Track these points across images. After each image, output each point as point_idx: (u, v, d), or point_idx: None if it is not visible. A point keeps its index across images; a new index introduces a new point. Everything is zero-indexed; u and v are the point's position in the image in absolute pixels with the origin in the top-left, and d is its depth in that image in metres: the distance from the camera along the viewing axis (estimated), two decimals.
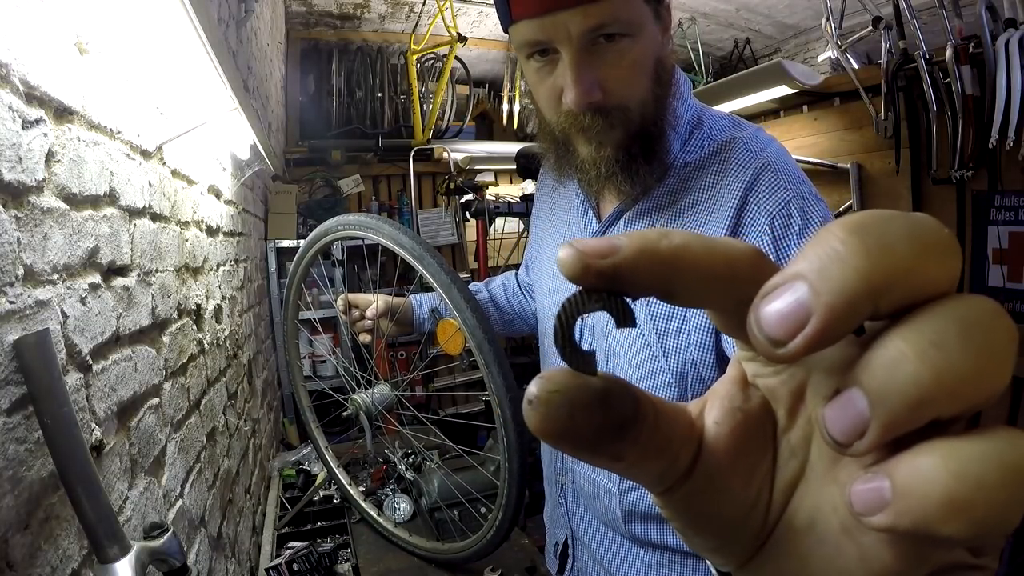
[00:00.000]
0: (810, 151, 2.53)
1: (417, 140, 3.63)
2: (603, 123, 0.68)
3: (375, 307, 1.11)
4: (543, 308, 0.98)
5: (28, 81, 0.52)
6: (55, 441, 0.48)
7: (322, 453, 1.57)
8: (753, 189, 0.68)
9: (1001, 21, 1.85)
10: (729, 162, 0.71)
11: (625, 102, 0.68)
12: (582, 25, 0.62)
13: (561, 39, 0.63)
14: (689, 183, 0.74)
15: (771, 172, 0.68)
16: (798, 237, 0.65)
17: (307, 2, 3.32)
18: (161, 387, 0.87)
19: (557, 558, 1.00)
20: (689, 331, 0.74)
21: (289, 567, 1.37)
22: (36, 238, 0.52)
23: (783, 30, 3.72)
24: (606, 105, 0.67)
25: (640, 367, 0.78)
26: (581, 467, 0.91)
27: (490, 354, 0.96)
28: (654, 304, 0.76)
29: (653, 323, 0.76)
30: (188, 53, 0.95)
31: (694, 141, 0.76)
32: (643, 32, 0.66)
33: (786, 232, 0.66)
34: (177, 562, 0.61)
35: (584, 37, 0.63)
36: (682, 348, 0.75)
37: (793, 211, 0.66)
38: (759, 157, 0.69)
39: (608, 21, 0.62)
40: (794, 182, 0.68)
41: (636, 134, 0.70)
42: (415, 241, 1.03)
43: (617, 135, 0.70)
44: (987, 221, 2.02)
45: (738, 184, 0.69)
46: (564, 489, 0.95)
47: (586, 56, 0.64)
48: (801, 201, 0.66)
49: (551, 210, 0.98)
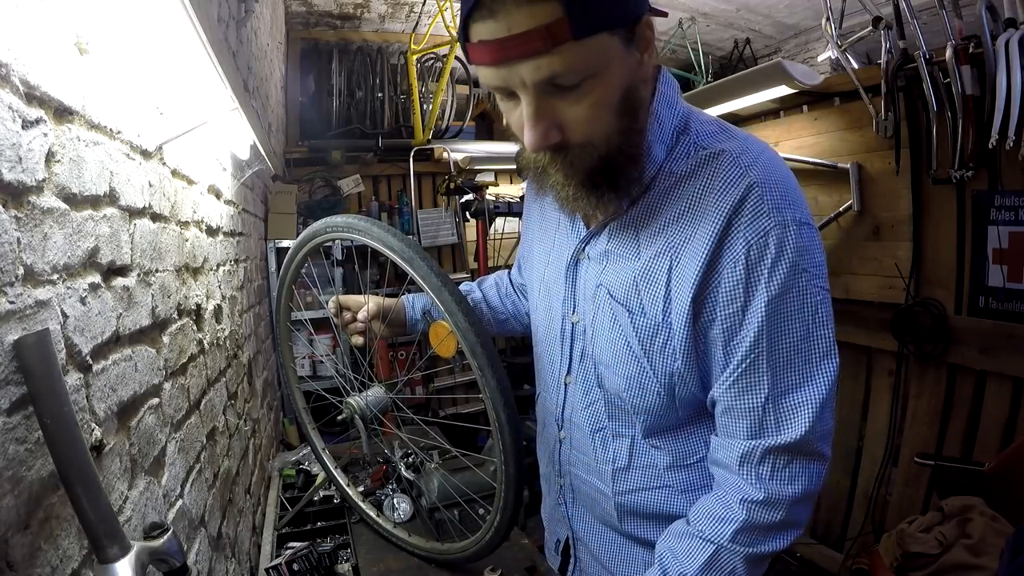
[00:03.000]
0: (810, 151, 2.53)
1: (417, 140, 3.63)
2: (563, 160, 0.68)
3: (366, 309, 1.10)
4: (534, 309, 0.98)
5: (28, 81, 0.52)
6: (55, 441, 0.48)
7: (319, 455, 1.57)
8: (738, 212, 0.67)
9: (1001, 21, 1.85)
10: (716, 178, 0.69)
11: (588, 139, 0.67)
12: (534, 76, 0.61)
13: (516, 85, 0.63)
14: (674, 195, 0.73)
15: (757, 195, 0.67)
16: (769, 270, 0.66)
17: (307, 2, 3.32)
18: (161, 387, 0.87)
19: (559, 555, 1.00)
20: (674, 348, 0.74)
21: (289, 567, 1.37)
22: (36, 238, 0.52)
23: (783, 30, 3.72)
24: (567, 143, 0.67)
25: (628, 377, 0.79)
26: (578, 470, 0.91)
27: (483, 357, 0.95)
28: (638, 321, 0.76)
29: (639, 339, 0.76)
30: (188, 53, 0.95)
31: (680, 147, 0.74)
32: (609, 68, 0.63)
33: (760, 262, 0.66)
34: (177, 562, 0.61)
35: (538, 86, 0.62)
36: (668, 362, 0.75)
37: (770, 241, 0.66)
38: (748, 175, 0.68)
39: (560, 71, 0.60)
40: (778, 207, 0.67)
41: (599, 167, 0.70)
42: (404, 243, 1.01)
43: (579, 169, 0.69)
44: (987, 221, 2.02)
45: (724, 205, 0.68)
46: (563, 490, 0.95)
47: (544, 100, 0.63)
48: (781, 230, 0.66)
49: (541, 211, 0.98)
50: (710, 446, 0.76)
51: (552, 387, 0.93)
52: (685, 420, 0.80)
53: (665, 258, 0.73)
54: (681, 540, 0.73)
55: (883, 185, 2.32)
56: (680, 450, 0.81)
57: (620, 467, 0.84)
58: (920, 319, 2.17)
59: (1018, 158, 1.81)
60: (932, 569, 1.58)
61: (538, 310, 0.95)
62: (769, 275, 0.66)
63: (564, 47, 0.58)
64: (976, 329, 2.05)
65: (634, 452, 0.83)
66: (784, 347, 0.68)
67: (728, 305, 0.68)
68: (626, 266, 0.77)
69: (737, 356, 0.69)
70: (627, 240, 0.77)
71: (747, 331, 0.68)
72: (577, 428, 0.89)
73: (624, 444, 0.84)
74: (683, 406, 0.78)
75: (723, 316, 0.69)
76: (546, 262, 0.92)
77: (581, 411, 0.87)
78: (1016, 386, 1.96)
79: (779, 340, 0.67)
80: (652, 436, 0.82)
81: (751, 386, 0.69)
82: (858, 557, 2.06)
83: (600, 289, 0.80)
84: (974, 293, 2.08)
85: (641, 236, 0.76)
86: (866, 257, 2.40)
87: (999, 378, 2.00)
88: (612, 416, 0.84)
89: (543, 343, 0.94)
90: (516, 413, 0.98)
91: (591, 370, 0.84)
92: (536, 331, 0.97)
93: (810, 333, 0.68)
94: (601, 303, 0.80)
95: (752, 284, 0.67)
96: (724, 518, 0.70)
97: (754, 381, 0.69)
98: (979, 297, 2.07)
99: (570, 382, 0.88)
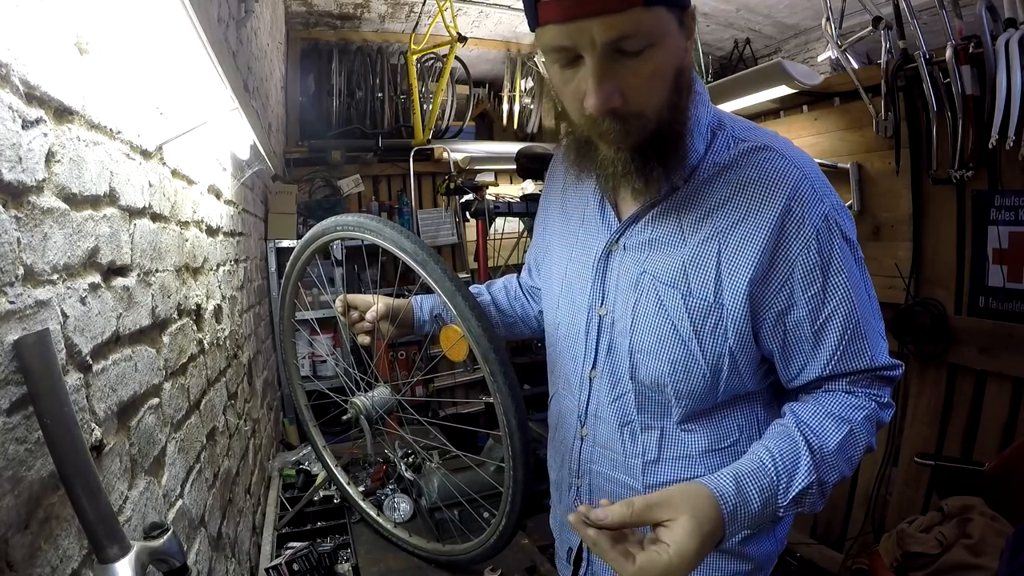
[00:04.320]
0: (810, 151, 2.49)
1: (417, 140, 3.63)
2: (620, 128, 0.70)
3: (375, 309, 1.10)
4: (553, 309, 0.97)
5: (28, 81, 0.52)
6: (55, 441, 0.48)
7: (320, 453, 1.57)
8: (795, 201, 0.73)
9: (1001, 21, 1.85)
10: (765, 169, 0.75)
11: (643, 109, 0.69)
12: (605, 35, 0.63)
13: (585, 46, 0.65)
14: (717, 183, 0.77)
15: (808, 185, 0.74)
16: (839, 249, 0.74)
17: (307, 2, 3.32)
18: (161, 387, 0.87)
19: (571, 564, 0.99)
20: (726, 326, 0.77)
21: (289, 567, 1.37)
22: (36, 238, 0.52)
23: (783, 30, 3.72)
24: (624, 111, 0.69)
25: (673, 363, 0.80)
26: (601, 467, 0.91)
27: (496, 363, 0.94)
28: (691, 302, 0.77)
29: (690, 319, 0.78)
30: (188, 53, 0.95)
31: (719, 141, 0.79)
32: (666, 41, 0.67)
33: (830, 244, 0.74)
34: (177, 562, 0.61)
35: (607, 46, 0.64)
36: (720, 343, 0.78)
37: (831, 224, 0.74)
38: (797, 166, 0.75)
39: (630, 32, 0.63)
40: (827, 194, 0.75)
41: (651, 139, 0.72)
42: (417, 245, 1.00)
43: (633, 139, 0.72)
44: (987, 221, 2.02)
45: (779, 194, 0.73)
46: (580, 492, 0.94)
47: (608, 64, 0.65)
48: (835, 213, 0.75)
49: (562, 210, 0.97)
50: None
51: (574, 384, 0.93)
52: (722, 403, 0.83)
53: (713, 243, 0.76)
54: (813, 419, 0.76)
55: (883, 185, 2.32)
56: (715, 433, 0.84)
57: (650, 460, 0.85)
58: (920, 319, 2.17)
59: (1018, 158, 1.81)
60: (932, 569, 1.58)
61: (559, 307, 0.95)
62: (841, 254, 0.74)
63: (634, 10, 0.62)
64: (976, 329, 2.05)
65: (664, 444, 0.85)
66: (867, 313, 0.77)
67: (808, 287, 0.74)
68: (673, 252, 0.79)
69: (834, 334, 0.76)
70: (671, 227, 0.80)
71: (836, 308, 0.75)
72: (603, 423, 0.89)
73: (654, 436, 0.85)
74: (725, 391, 0.81)
75: (805, 298, 0.74)
76: (569, 258, 0.93)
77: (608, 405, 0.88)
78: (1016, 386, 1.96)
79: (863, 308, 0.76)
80: (687, 421, 0.83)
81: (857, 354, 0.77)
82: (858, 557, 2.06)
83: (644, 276, 0.81)
84: (974, 293, 2.08)
85: (685, 223, 0.79)
86: (866, 257, 2.35)
87: (999, 378, 2.00)
88: (641, 408, 0.85)
89: (564, 339, 0.94)
90: (526, 418, 0.98)
91: (622, 362, 0.85)
92: (556, 328, 0.96)
93: (870, 289, 0.79)
94: (645, 290, 0.81)
95: (826, 264, 0.73)
96: (856, 406, 0.76)
97: (857, 348, 0.76)
98: (979, 297, 2.07)
99: (595, 376, 0.89)
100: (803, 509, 0.72)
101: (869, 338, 0.77)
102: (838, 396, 0.78)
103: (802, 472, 0.70)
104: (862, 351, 0.76)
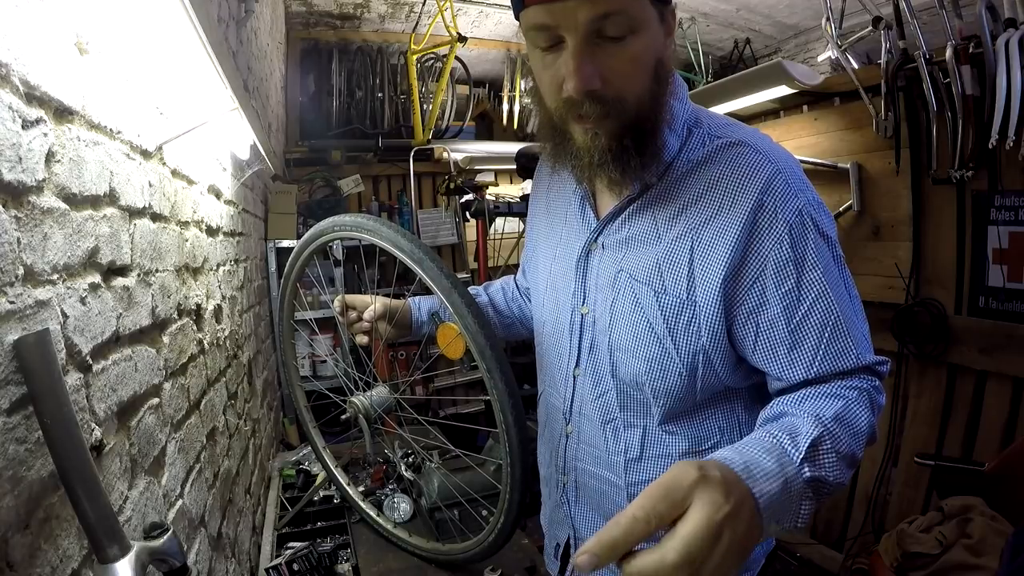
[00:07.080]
0: (810, 151, 2.53)
1: (417, 140, 3.63)
2: (599, 111, 0.69)
3: (373, 309, 1.10)
4: (539, 308, 0.98)
5: (28, 81, 0.52)
6: (55, 441, 0.48)
7: (320, 453, 1.57)
8: (767, 196, 0.71)
9: (1001, 21, 1.85)
10: (739, 164, 0.73)
11: (622, 95, 0.69)
12: (589, 12, 0.63)
13: (568, 26, 0.65)
14: (691, 179, 0.76)
15: (782, 180, 0.72)
16: (813, 245, 0.71)
17: (307, 2, 3.32)
18: (161, 387, 0.87)
19: (558, 560, 1.00)
20: (699, 324, 0.76)
21: (289, 567, 1.38)
22: (36, 238, 0.52)
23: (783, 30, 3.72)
24: (604, 95, 0.68)
25: (650, 360, 0.79)
26: (585, 464, 0.91)
27: (492, 360, 0.95)
28: (664, 300, 0.77)
29: (664, 318, 0.77)
30: (188, 53, 0.95)
31: (695, 139, 0.78)
32: (647, 30, 0.67)
33: (803, 240, 0.71)
34: (177, 562, 0.61)
35: (590, 25, 0.64)
36: (693, 340, 0.77)
37: (805, 220, 0.71)
38: (770, 161, 0.73)
39: (615, 10, 0.63)
40: (801, 189, 0.73)
41: (629, 126, 0.71)
42: (414, 244, 1.01)
43: (611, 125, 0.71)
44: (987, 221, 2.02)
45: (752, 189, 0.72)
46: (566, 489, 0.95)
47: (589, 47, 0.66)
48: (811, 208, 0.72)
49: (547, 210, 0.98)
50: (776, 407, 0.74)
51: (559, 381, 0.93)
52: (702, 404, 0.82)
53: (687, 240, 0.75)
54: (799, 402, 0.71)
55: (883, 185, 2.32)
56: (696, 435, 0.83)
57: (632, 457, 0.85)
58: (920, 319, 2.17)
59: (1018, 158, 1.81)
60: (932, 569, 1.58)
61: (544, 305, 0.96)
62: (816, 249, 0.71)
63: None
64: (976, 329, 2.05)
65: (647, 442, 0.84)
66: (848, 312, 0.73)
67: (781, 283, 0.71)
68: (648, 250, 0.79)
69: (812, 332, 0.72)
70: (646, 225, 0.79)
71: (812, 305, 0.71)
72: (587, 420, 0.89)
73: (636, 434, 0.85)
74: (703, 389, 0.79)
75: (779, 295, 0.72)
76: (552, 257, 0.93)
77: (591, 402, 0.88)
78: (1016, 386, 1.96)
79: (843, 306, 0.72)
80: (668, 422, 0.83)
81: (842, 353, 0.72)
82: (858, 557, 2.07)
83: (621, 274, 0.81)
84: (974, 293, 2.08)
85: (660, 220, 0.78)
86: (866, 257, 2.40)
87: (999, 378, 2.00)
88: (624, 406, 0.85)
89: (550, 338, 0.95)
90: (523, 415, 0.98)
91: (603, 360, 0.85)
92: (542, 326, 0.97)
93: (851, 289, 0.75)
94: (622, 288, 0.81)
95: (800, 259, 0.71)
96: (846, 386, 0.71)
97: (841, 348, 0.72)
98: (979, 297, 2.07)
99: (579, 374, 0.89)
100: (826, 474, 0.59)
101: (853, 336, 0.72)
102: (822, 387, 0.72)
103: (804, 428, 0.62)
104: (846, 349, 0.72)
